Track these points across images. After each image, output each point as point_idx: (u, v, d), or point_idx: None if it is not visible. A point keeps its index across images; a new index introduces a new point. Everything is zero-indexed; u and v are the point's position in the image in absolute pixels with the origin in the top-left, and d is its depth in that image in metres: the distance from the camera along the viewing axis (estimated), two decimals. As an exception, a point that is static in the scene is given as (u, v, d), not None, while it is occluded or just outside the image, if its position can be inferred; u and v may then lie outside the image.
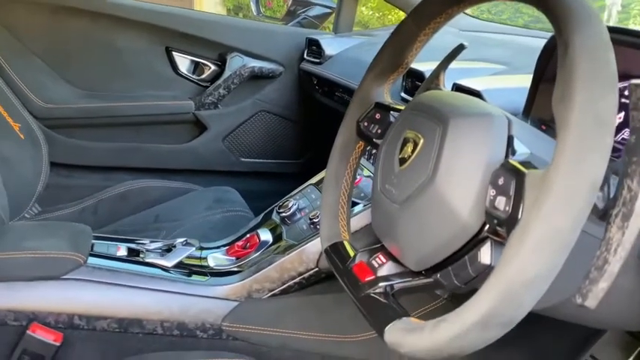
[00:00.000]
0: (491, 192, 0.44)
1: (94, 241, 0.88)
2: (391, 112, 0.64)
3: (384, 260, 0.56)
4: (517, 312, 0.39)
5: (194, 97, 1.58)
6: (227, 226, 1.21)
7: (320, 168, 1.15)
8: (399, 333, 0.48)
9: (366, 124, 0.66)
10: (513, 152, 0.47)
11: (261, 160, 1.72)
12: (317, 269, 0.89)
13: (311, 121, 1.70)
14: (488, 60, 1.05)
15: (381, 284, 0.54)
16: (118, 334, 0.82)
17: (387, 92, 0.68)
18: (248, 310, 0.88)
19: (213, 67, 1.58)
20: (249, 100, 1.62)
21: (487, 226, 0.46)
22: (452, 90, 0.90)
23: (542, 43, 0.76)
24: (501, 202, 0.42)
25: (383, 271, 0.56)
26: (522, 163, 0.43)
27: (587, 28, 0.39)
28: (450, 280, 0.49)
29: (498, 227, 0.43)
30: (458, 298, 0.72)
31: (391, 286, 0.54)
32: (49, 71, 1.44)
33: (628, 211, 0.40)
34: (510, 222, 0.41)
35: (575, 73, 0.38)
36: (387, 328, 0.49)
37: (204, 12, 1.98)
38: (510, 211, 0.41)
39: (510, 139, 0.47)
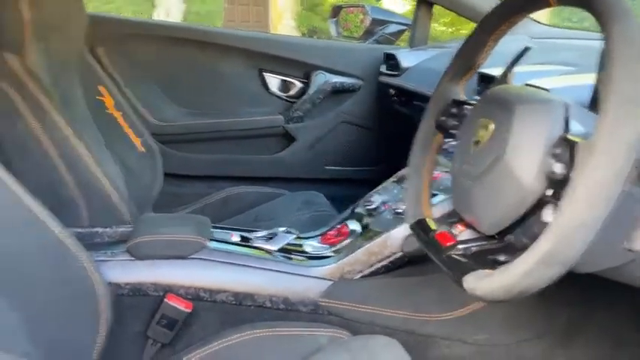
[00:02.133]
0: (551, 161, 0.54)
1: (212, 229, 1.05)
2: (465, 106, 0.75)
3: (463, 228, 0.67)
4: (572, 252, 0.49)
5: (283, 111, 1.75)
6: (316, 224, 1.35)
7: (394, 171, 1.26)
8: (474, 281, 0.58)
9: (443, 118, 0.78)
10: (569, 130, 0.57)
11: (342, 168, 1.86)
12: (401, 253, 1.00)
13: (388, 130, 1.82)
14: (557, 63, 1.13)
15: (460, 247, 0.65)
16: (234, 306, 0.97)
17: (461, 91, 0.79)
18: (341, 288, 1.00)
19: (299, 85, 1.76)
20: (332, 112, 1.77)
21: (548, 191, 0.55)
22: None
23: None
24: (558, 167, 0.52)
25: (461, 237, 0.66)
26: (575, 135, 0.53)
27: (623, 21, 0.49)
28: (519, 239, 0.59)
29: (557, 189, 0.53)
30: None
31: (468, 248, 0.65)
32: (161, 94, 1.68)
33: None
34: (565, 182, 0.51)
35: (615, 58, 0.48)
36: (464, 278, 0.60)
37: (290, 36, 2.18)
38: (565, 173, 0.51)
39: (567, 119, 0.57)
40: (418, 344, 1.00)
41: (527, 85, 0.99)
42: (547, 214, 0.56)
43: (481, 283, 0.57)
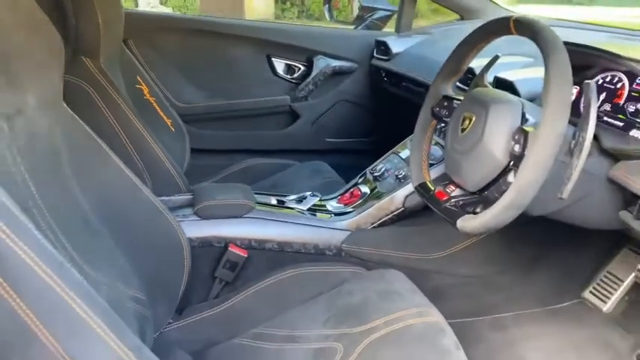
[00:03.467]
0: (512, 143, 0.84)
1: (255, 195, 1.33)
2: (454, 101, 1.04)
3: (454, 188, 0.98)
4: (525, 200, 0.80)
5: (289, 92, 2.02)
6: (326, 189, 1.64)
7: (387, 143, 1.54)
8: (463, 222, 0.89)
9: (437, 109, 1.07)
10: (525, 121, 0.87)
11: (341, 140, 2.15)
12: (403, 208, 1.31)
13: (379, 106, 2.10)
14: (520, 54, 1.41)
15: (452, 200, 0.95)
16: (278, 252, 1.26)
17: (450, 88, 1.08)
18: (358, 236, 1.31)
19: (302, 68, 2.02)
20: (331, 92, 2.04)
21: (511, 162, 0.86)
22: (493, 81, 1.28)
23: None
24: (517, 147, 0.83)
25: (453, 194, 0.97)
26: (528, 125, 0.83)
27: (557, 53, 0.78)
28: (492, 194, 0.90)
29: (516, 162, 0.84)
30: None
31: (458, 201, 0.95)
32: (183, 79, 1.92)
33: (580, 148, 0.79)
34: (521, 157, 0.81)
35: (550, 77, 0.77)
36: (457, 220, 0.90)
37: (294, 24, 2.41)
38: (521, 151, 0.81)
39: (524, 114, 0.87)
40: (417, 277, 1.30)
41: (496, 77, 1.28)
42: (510, 177, 0.86)
43: (468, 223, 0.88)
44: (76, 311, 0.61)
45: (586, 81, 0.82)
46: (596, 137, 0.94)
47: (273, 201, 1.34)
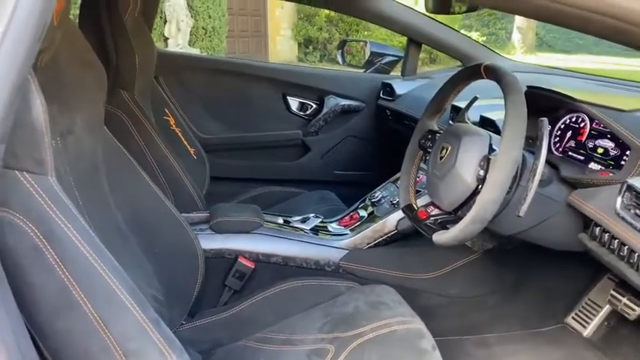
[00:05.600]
0: (479, 169, 0.99)
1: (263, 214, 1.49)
2: (437, 134, 1.20)
3: (433, 208, 1.12)
4: (486, 215, 0.94)
5: (301, 127, 2.20)
6: (330, 214, 1.79)
7: (389, 175, 1.69)
8: (437, 236, 1.03)
9: (423, 141, 1.23)
10: (492, 151, 1.02)
11: (347, 172, 2.31)
12: (396, 231, 1.45)
13: (384, 142, 2.27)
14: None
15: (432, 218, 1.10)
16: (282, 266, 1.41)
17: (434, 124, 1.24)
18: (354, 255, 1.45)
19: (314, 106, 2.21)
20: (340, 128, 2.22)
21: (478, 185, 1.01)
22: (479, 119, 1.44)
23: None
24: (482, 172, 0.98)
25: (432, 213, 1.12)
26: (492, 155, 0.99)
27: (515, 94, 0.94)
28: (463, 213, 1.04)
29: (482, 184, 0.98)
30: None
31: (437, 219, 1.10)
32: (206, 113, 2.13)
33: (534, 174, 0.94)
34: (484, 180, 0.96)
35: (508, 113, 0.93)
36: (433, 235, 1.05)
37: (308, 66, 2.64)
38: (484, 175, 0.96)
39: (490, 145, 1.03)
40: (407, 295, 1.42)
41: (481, 116, 1.44)
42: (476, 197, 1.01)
43: (442, 236, 1.02)
44: (111, 286, 0.77)
45: (540, 118, 0.98)
46: (557, 167, 1.09)
47: (280, 220, 1.50)
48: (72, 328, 0.75)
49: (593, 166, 1.09)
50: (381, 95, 2.17)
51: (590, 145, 1.12)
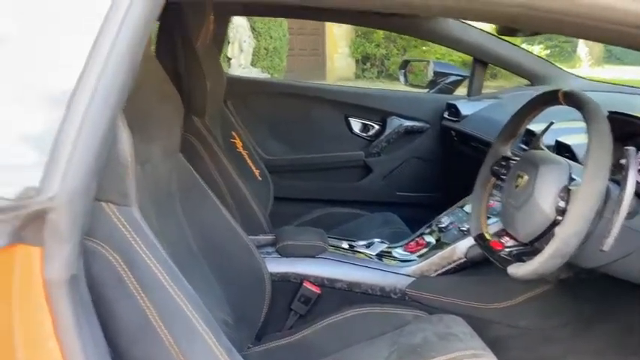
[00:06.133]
0: (558, 199, 0.95)
1: (328, 238, 1.49)
2: (511, 161, 1.16)
3: (508, 239, 1.08)
4: (568, 249, 0.89)
5: (363, 148, 2.20)
6: (394, 238, 1.76)
7: (453, 197, 1.64)
8: (514, 268, 0.99)
9: (496, 167, 1.19)
10: (572, 181, 0.98)
11: (410, 194, 2.28)
12: (465, 259, 1.41)
13: (448, 163, 2.22)
14: (580, 119, 1.50)
15: (507, 250, 1.06)
16: (347, 292, 1.40)
17: (508, 150, 1.20)
18: (421, 282, 1.42)
19: (376, 127, 2.20)
20: (403, 149, 2.20)
21: (557, 216, 0.96)
22: (555, 144, 1.38)
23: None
24: (562, 203, 0.93)
25: (507, 244, 1.07)
26: (573, 185, 0.94)
27: (598, 122, 0.89)
28: (541, 245, 1.00)
29: (561, 216, 0.94)
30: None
31: (512, 251, 1.06)
32: (270, 134, 2.17)
33: (619, 206, 0.89)
34: (565, 211, 0.91)
35: (591, 143, 0.89)
36: (509, 268, 1.00)
37: (370, 88, 2.64)
38: (565, 206, 0.92)
39: (570, 175, 0.98)
40: (477, 325, 1.37)
41: (557, 141, 1.38)
42: (557, 230, 0.96)
43: (519, 269, 0.98)
44: (187, 315, 0.79)
45: (625, 147, 0.92)
46: None
47: (345, 245, 1.49)
48: (149, 355, 0.78)
49: (684, 196, 1.02)
50: (446, 116, 2.14)
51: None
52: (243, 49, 6.48)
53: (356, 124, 2.21)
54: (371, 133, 2.21)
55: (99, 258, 0.74)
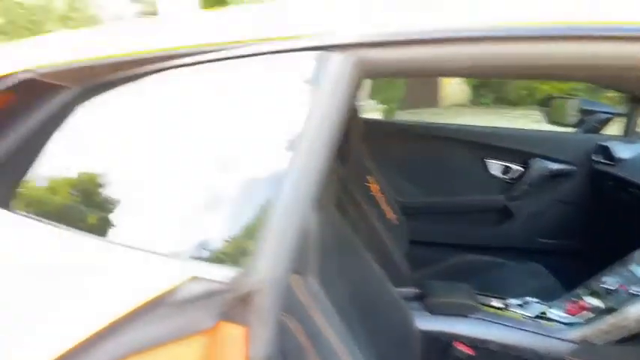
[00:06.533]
0: None
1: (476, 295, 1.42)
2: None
3: None
4: None
5: (503, 190, 2.09)
6: (543, 294, 1.63)
7: (605, 248, 1.48)
8: None
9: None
10: None
11: (555, 241, 2.11)
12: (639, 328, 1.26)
13: (599, 210, 2.02)
14: None
15: None
16: (499, 354, 1.31)
17: None
18: (586, 351, 1.29)
19: (518, 169, 2.08)
20: (547, 193, 2.05)
21: None
22: None
23: None
24: None
25: None
26: None
27: None
28: None
29: None
30: None
31: None
32: (404, 177, 2.14)
33: None
34: None
35: None
36: None
37: (510, 128, 2.52)
38: None
39: None
40: None
41: None
42: None
43: None
44: None
45: None
46: None
47: (497, 303, 1.41)
48: None
49: None
50: (596, 158, 1.96)
51: None
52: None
53: (495, 166, 2.11)
54: (511, 175, 2.10)
55: (283, 330, 0.75)
